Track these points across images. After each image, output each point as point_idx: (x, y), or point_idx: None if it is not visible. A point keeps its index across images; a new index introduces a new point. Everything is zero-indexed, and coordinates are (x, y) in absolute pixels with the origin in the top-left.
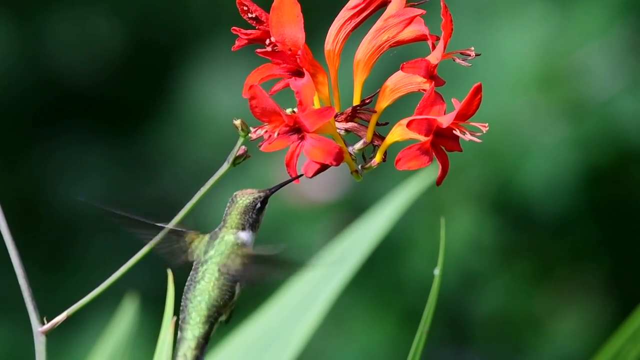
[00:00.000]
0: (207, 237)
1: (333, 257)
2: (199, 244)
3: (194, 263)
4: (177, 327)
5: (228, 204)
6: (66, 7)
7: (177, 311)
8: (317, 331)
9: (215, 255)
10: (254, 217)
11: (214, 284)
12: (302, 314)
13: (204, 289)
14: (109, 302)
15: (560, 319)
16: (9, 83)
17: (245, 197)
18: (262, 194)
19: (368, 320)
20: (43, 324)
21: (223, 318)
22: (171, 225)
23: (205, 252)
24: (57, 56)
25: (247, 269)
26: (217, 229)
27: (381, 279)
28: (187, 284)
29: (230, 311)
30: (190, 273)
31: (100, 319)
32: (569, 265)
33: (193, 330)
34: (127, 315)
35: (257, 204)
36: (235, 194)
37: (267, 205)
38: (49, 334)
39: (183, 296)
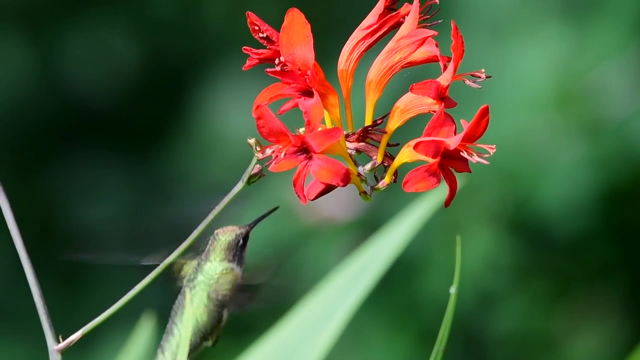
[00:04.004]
0: (195, 262)
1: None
2: (187, 269)
3: (182, 287)
4: (159, 347)
5: (209, 242)
6: (83, 30)
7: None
8: (335, 349)
9: (204, 280)
10: (238, 254)
11: (203, 310)
12: (319, 330)
13: (192, 314)
14: (126, 320)
15: (577, 338)
16: (28, 104)
17: (227, 234)
18: (243, 230)
19: (385, 338)
20: (59, 342)
21: (208, 343)
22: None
23: (194, 277)
24: (73, 77)
25: (236, 294)
26: (201, 259)
27: (398, 297)
28: (174, 307)
29: (217, 335)
30: (178, 297)
31: (117, 338)
32: (586, 284)
33: (176, 353)
34: (143, 334)
35: (239, 241)
36: (216, 231)
37: (248, 241)
38: (64, 352)
39: (170, 319)
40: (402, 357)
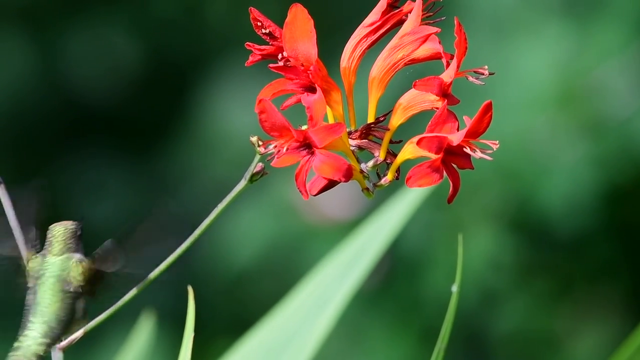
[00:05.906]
0: (39, 257)
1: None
2: (33, 265)
3: (32, 285)
4: (15, 348)
5: (48, 235)
6: (85, 28)
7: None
8: (336, 347)
9: (54, 274)
10: (78, 244)
11: (59, 305)
12: (314, 319)
13: (48, 311)
14: (126, 318)
15: (579, 337)
16: (29, 103)
17: (63, 226)
18: (78, 223)
19: (387, 338)
20: (61, 340)
21: (62, 341)
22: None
23: (42, 273)
24: (75, 75)
25: (88, 284)
26: (45, 253)
27: (400, 295)
28: (28, 306)
29: (78, 327)
30: (29, 297)
31: (118, 336)
32: (588, 283)
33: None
34: (144, 332)
35: (77, 231)
36: (51, 226)
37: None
38: (66, 350)
39: (25, 319)
40: (404, 355)
